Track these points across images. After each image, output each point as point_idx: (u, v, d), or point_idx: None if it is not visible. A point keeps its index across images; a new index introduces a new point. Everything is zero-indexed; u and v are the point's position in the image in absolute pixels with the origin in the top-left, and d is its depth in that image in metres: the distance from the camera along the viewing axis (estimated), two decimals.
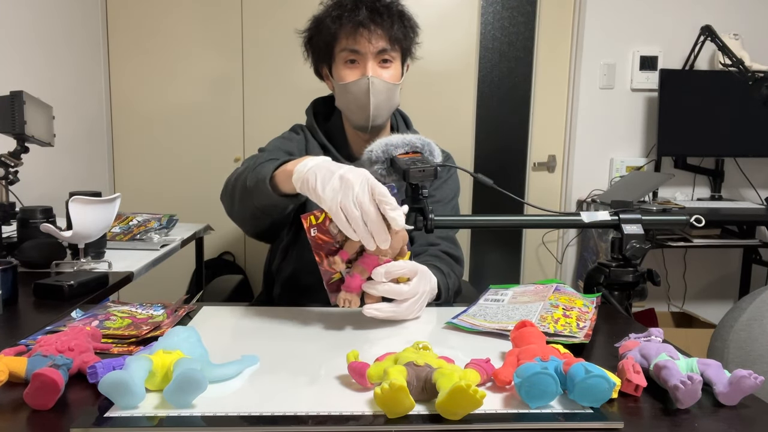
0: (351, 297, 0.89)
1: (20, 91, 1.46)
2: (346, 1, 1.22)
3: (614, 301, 1.00)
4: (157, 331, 0.85)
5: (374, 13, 1.20)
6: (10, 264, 1.00)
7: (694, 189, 2.91)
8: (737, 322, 1.46)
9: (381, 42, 1.21)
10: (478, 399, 0.58)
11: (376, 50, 1.22)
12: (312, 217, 0.87)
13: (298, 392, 0.67)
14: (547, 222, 1.06)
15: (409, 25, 1.27)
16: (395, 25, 1.22)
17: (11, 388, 0.66)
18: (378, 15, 1.21)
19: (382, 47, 1.22)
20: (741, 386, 0.64)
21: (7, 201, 1.69)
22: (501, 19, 2.82)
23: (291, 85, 2.69)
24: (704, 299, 3.03)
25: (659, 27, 2.80)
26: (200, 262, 2.32)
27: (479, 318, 0.92)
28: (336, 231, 0.87)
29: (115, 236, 1.60)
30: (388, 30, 1.21)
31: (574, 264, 2.94)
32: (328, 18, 1.23)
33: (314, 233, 0.88)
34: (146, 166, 2.77)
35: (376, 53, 1.22)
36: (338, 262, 0.88)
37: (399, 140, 0.99)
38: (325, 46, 1.26)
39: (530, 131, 2.91)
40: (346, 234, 0.82)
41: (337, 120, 1.33)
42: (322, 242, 0.89)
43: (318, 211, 0.87)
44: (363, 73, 1.22)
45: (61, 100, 2.21)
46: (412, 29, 1.28)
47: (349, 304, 0.89)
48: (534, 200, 2.86)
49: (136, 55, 2.70)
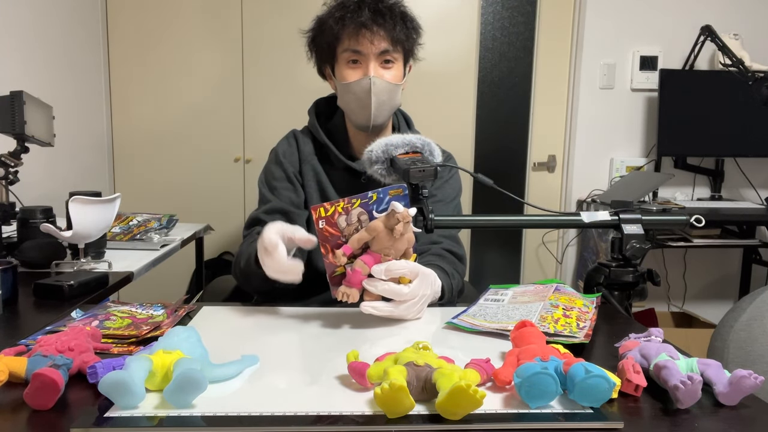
0: (350, 291, 0.89)
1: (20, 91, 1.46)
2: (349, 2, 1.23)
3: (614, 301, 1.00)
4: (157, 331, 0.85)
5: (377, 14, 1.21)
6: (10, 264, 1.00)
7: (694, 189, 2.91)
8: (737, 322, 1.46)
9: (383, 43, 1.22)
10: (478, 399, 0.58)
11: (378, 51, 1.22)
12: (322, 209, 0.89)
13: (298, 392, 0.67)
14: (547, 222, 1.06)
15: (412, 26, 1.28)
16: (397, 26, 1.23)
17: (11, 388, 0.66)
18: (380, 16, 1.21)
19: (385, 48, 1.22)
20: (741, 386, 0.64)
21: (7, 201, 1.69)
22: (501, 19, 2.82)
23: (291, 86, 2.69)
24: (704, 299, 3.02)
25: (659, 27, 2.80)
26: (200, 262, 2.32)
27: (479, 318, 0.92)
28: (344, 225, 0.89)
29: (115, 236, 1.60)
30: (391, 31, 1.22)
31: (574, 264, 2.94)
32: (331, 19, 1.23)
33: (322, 225, 0.89)
34: (146, 166, 2.77)
35: (378, 54, 1.22)
36: (339, 255, 0.89)
37: (399, 140, 0.99)
38: (327, 46, 1.26)
39: (530, 131, 2.90)
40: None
41: (339, 120, 1.34)
42: (328, 234, 0.90)
43: (328, 204, 0.88)
44: (365, 74, 1.22)
45: (61, 100, 2.21)
46: (415, 30, 1.29)
47: (348, 298, 0.89)
48: (534, 200, 2.86)
49: (137, 56, 2.70)
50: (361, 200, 0.89)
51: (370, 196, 0.90)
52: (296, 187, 1.30)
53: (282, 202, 1.28)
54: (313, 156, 1.32)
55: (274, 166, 1.33)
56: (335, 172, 1.31)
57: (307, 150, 1.32)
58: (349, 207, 0.89)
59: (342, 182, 1.30)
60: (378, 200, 0.90)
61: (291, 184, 1.30)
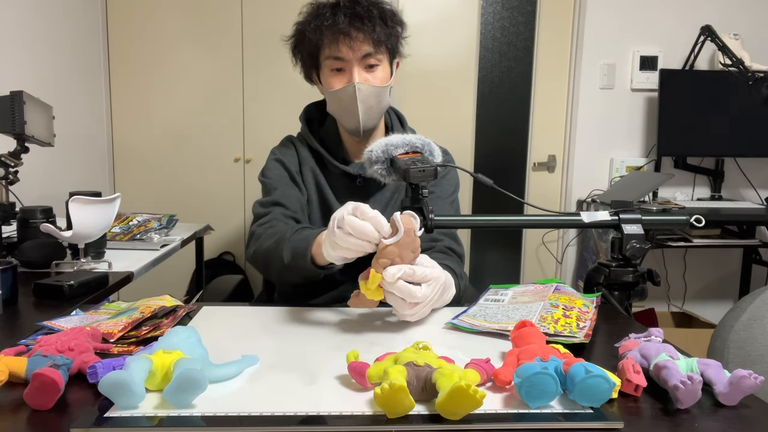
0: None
1: (20, 91, 1.46)
2: (323, 10, 1.19)
3: (614, 301, 1.00)
4: (157, 331, 0.85)
5: (354, 19, 1.18)
6: (10, 264, 1.00)
7: (694, 189, 2.91)
8: (737, 322, 1.46)
9: (364, 46, 1.19)
10: (478, 399, 0.58)
11: (361, 55, 1.19)
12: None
13: (298, 392, 0.67)
14: (547, 222, 1.06)
15: (392, 23, 1.23)
16: (377, 27, 1.19)
17: (11, 388, 0.66)
18: (358, 20, 1.18)
19: (366, 52, 1.19)
20: (741, 386, 0.64)
21: (7, 201, 1.69)
22: (501, 19, 2.82)
23: (290, 85, 2.69)
24: (704, 299, 3.03)
25: (659, 27, 2.80)
26: (200, 262, 2.32)
27: (479, 318, 0.92)
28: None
29: (115, 236, 1.60)
30: (370, 33, 1.18)
31: (574, 264, 2.94)
32: (308, 28, 1.21)
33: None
34: (146, 166, 2.77)
35: (360, 58, 1.20)
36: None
37: (399, 140, 0.98)
38: (309, 55, 1.25)
39: (530, 131, 2.91)
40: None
41: (331, 124, 1.33)
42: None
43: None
44: (349, 80, 1.20)
45: (61, 100, 2.21)
46: (397, 26, 1.25)
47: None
48: (534, 200, 2.86)
49: (137, 55, 2.70)
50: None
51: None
52: (299, 186, 1.29)
53: (288, 194, 1.26)
54: (311, 158, 1.31)
55: (274, 163, 1.32)
56: (332, 176, 1.31)
57: (304, 153, 1.32)
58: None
59: (339, 186, 1.30)
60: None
61: (293, 181, 1.29)
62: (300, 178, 1.30)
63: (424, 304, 0.90)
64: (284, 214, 1.21)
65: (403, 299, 0.87)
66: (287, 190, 1.26)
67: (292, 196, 1.26)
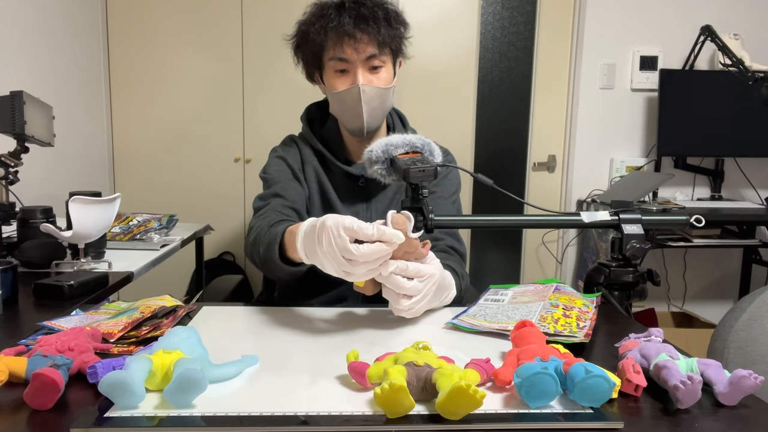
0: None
1: (20, 91, 1.46)
2: (328, 11, 1.19)
3: (614, 301, 1.00)
4: (157, 331, 0.85)
5: (359, 20, 1.17)
6: (10, 264, 1.00)
7: (694, 189, 2.91)
8: (737, 322, 1.46)
9: (369, 48, 1.18)
10: (478, 399, 0.58)
11: (365, 57, 1.19)
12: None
13: (298, 392, 0.67)
14: (547, 222, 1.06)
15: (397, 24, 1.23)
16: (382, 28, 1.18)
17: (11, 388, 0.66)
18: (363, 21, 1.17)
19: (371, 53, 1.19)
20: (741, 386, 0.64)
21: (7, 201, 1.69)
22: (501, 19, 2.82)
23: (291, 85, 2.69)
24: (704, 299, 3.03)
25: (659, 27, 2.80)
26: (200, 262, 2.32)
27: (479, 318, 0.92)
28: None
29: (115, 236, 1.60)
30: (375, 35, 1.18)
31: (574, 264, 2.94)
32: (312, 29, 1.20)
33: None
34: (146, 166, 2.77)
35: (364, 60, 1.19)
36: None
37: (399, 140, 0.98)
38: (312, 55, 1.24)
39: (530, 131, 2.91)
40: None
41: (332, 124, 1.32)
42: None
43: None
44: (353, 82, 1.19)
45: (61, 100, 2.21)
46: (401, 27, 1.24)
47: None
48: (534, 200, 2.86)
49: (137, 55, 2.70)
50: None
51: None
52: (301, 183, 1.29)
53: (288, 187, 1.25)
54: (313, 158, 1.31)
55: (276, 160, 1.31)
56: (334, 176, 1.30)
57: (307, 153, 1.31)
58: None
59: (341, 185, 1.30)
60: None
61: (296, 178, 1.29)
62: (302, 176, 1.29)
63: (418, 300, 0.90)
64: (282, 205, 1.20)
65: (397, 293, 0.87)
66: (288, 184, 1.26)
67: (293, 189, 1.25)
